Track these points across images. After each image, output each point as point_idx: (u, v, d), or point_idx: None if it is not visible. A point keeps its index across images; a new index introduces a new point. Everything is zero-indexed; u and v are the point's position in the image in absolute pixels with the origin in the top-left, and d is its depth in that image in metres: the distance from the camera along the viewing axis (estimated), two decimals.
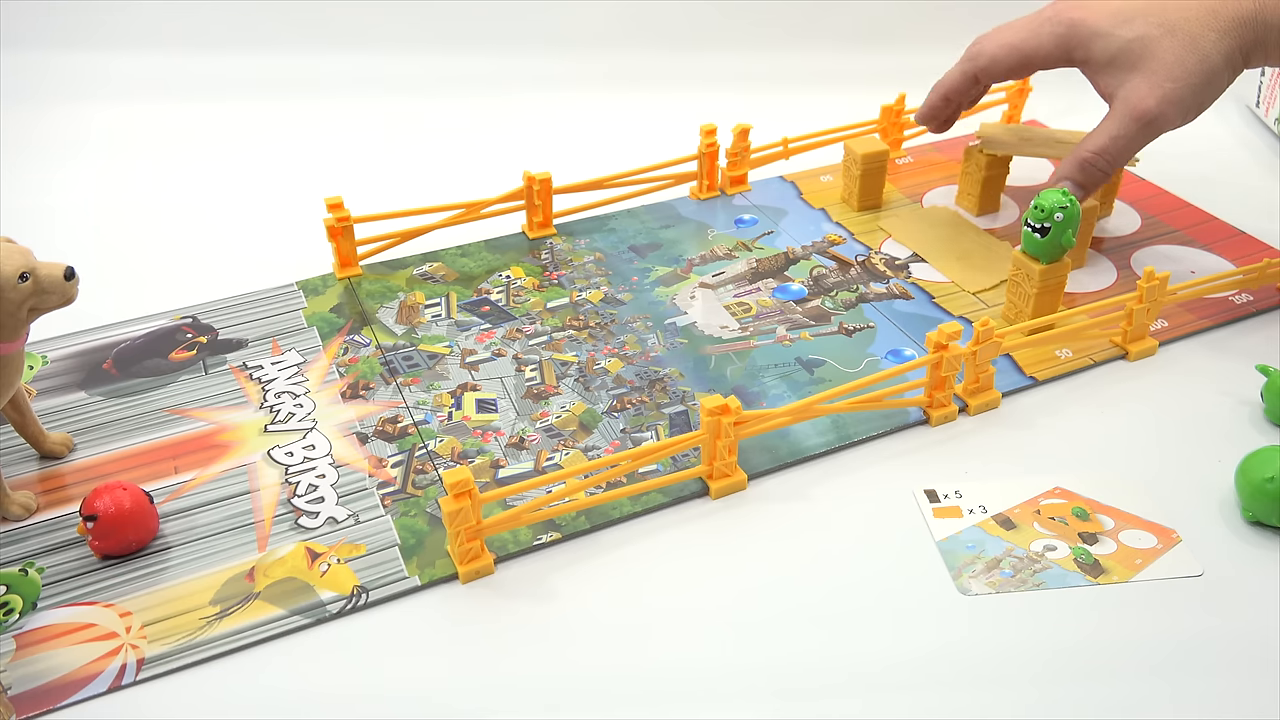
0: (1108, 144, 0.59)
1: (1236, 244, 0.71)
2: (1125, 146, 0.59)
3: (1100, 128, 0.60)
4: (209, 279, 0.69)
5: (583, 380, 0.59)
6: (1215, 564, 0.48)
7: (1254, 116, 0.90)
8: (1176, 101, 0.57)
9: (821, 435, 0.55)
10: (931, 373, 0.55)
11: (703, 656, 0.44)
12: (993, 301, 0.65)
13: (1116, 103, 0.59)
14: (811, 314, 0.65)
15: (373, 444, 0.55)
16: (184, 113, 0.90)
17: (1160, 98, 0.57)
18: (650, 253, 0.71)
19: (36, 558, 0.49)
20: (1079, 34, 0.59)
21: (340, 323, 0.64)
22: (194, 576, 0.48)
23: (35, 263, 0.47)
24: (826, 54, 0.98)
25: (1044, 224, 0.58)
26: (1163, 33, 0.57)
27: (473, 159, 0.85)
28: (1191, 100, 0.57)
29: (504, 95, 0.94)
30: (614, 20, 0.98)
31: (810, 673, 0.43)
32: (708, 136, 0.75)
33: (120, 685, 0.43)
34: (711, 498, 0.52)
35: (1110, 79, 0.59)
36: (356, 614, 0.46)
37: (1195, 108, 0.58)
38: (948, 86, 0.67)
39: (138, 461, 0.54)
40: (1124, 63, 0.58)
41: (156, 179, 0.82)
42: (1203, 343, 0.62)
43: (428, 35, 0.97)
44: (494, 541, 0.49)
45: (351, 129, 0.89)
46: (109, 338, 0.63)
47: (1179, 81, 0.57)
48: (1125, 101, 0.58)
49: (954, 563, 0.48)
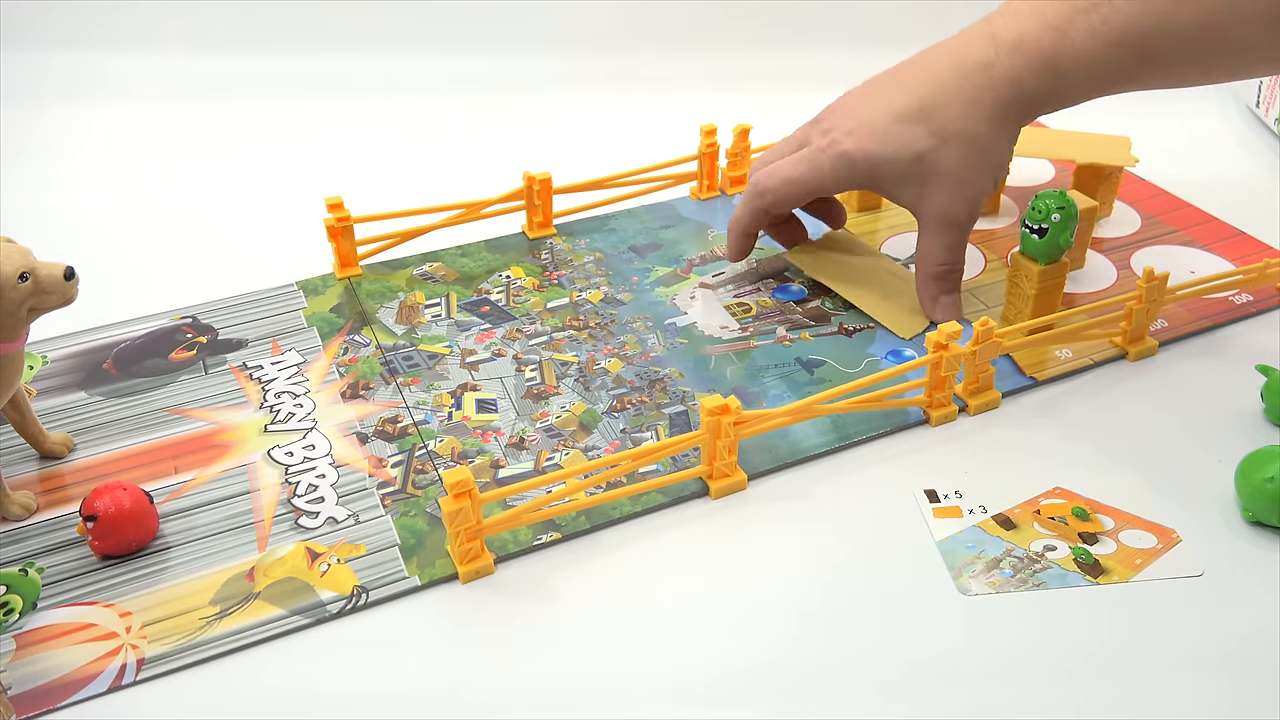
0: (946, 253, 0.61)
1: (1236, 244, 0.71)
2: (958, 245, 0.61)
3: (926, 245, 0.61)
4: (209, 279, 0.69)
5: (583, 380, 0.59)
6: (1215, 564, 0.48)
7: (1254, 116, 0.90)
8: (978, 196, 0.59)
9: (821, 435, 0.55)
10: (931, 373, 0.55)
11: (703, 656, 0.44)
12: (993, 302, 0.65)
13: (926, 218, 0.60)
14: (811, 314, 0.65)
15: (373, 444, 0.55)
16: (184, 113, 0.90)
17: (964, 201, 0.59)
18: (650, 253, 0.71)
19: (36, 558, 0.49)
20: (858, 166, 0.59)
21: (340, 323, 0.64)
22: (194, 576, 0.48)
23: (35, 263, 0.47)
24: (828, 54, 0.98)
25: (1041, 225, 0.58)
26: (938, 142, 0.57)
27: (473, 159, 0.85)
28: (990, 185, 0.59)
29: (504, 95, 0.94)
30: (614, 20, 0.98)
31: (810, 673, 0.43)
32: (708, 136, 0.75)
33: (120, 685, 0.43)
34: (711, 498, 0.52)
35: (906, 195, 0.60)
36: (356, 614, 0.46)
37: (994, 184, 0.60)
38: (743, 225, 0.65)
39: (138, 461, 0.54)
40: (914, 179, 0.59)
41: (156, 179, 0.82)
42: (1203, 343, 0.62)
43: (428, 35, 0.97)
44: (494, 541, 0.49)
45: (351, 129, 0.89)
46: (109, 338, 0.63)
47: (971, 182, 0.58)
48: (935, 217, 0.60)
49: (954, 563, 0.48)
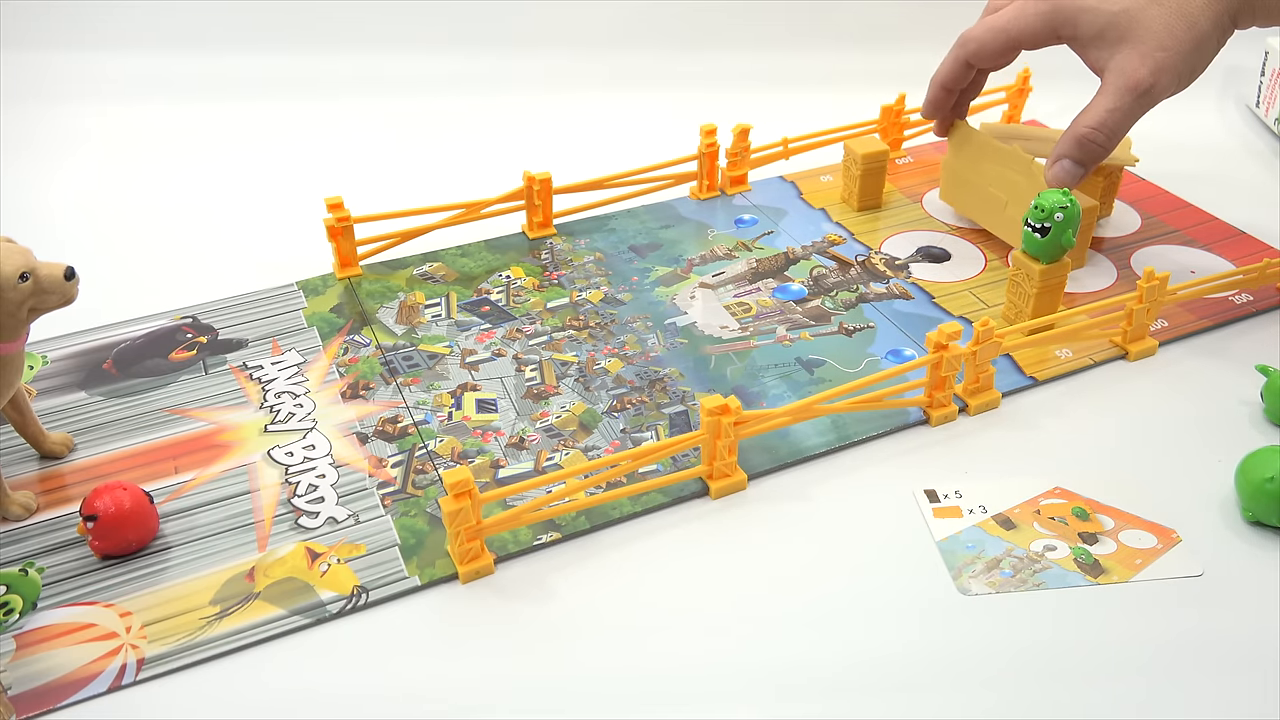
0: (1105, 118, 0.59)
1: (1236, 244, 0.71)
2: (1121, 120, 0.59)
3: (1094, 103, 0.59)
4: (209, 279, 0.69)
5: (583, 380, 0.59)
6: (1215, 564, 0.48)
7: (1254, 116, 0.90)
8: (1169, 69, 0.57)
9: (821, 435, 0.55)
10: (931, 373, 0.55)
11: (703, 656, 0.44)
12: (993, 301, 0.65)
13: (1109, 76, 0.59)
14: (811, 314, 0.65)
15: (373, 444, 0.55)
16: (184, 113, 0.90)
17: (1152, 68, 0.57)
18: (650, 253, 0.71)
19: (36, 558, 0.49)
20: (1064, 12, 0.59)
21: (340, 323, 0.64)
22: (194, 576, 0.48)
23: (35, 263, 0.47)
24: (826, 54, 0.98)
25: (1044, 224, 0.58)
26: (1148, 2, 0.57)
27: (473, 159, 0.85)
28: (1183, 67, 0.58)
29: (504, 95, 0.94)
30: (614, 20, 0.98)
31: (810, 673, 0.43)
32: (708, 136, 0.75)
33: (120, 685, 0.43)
34: (711, 498, 0.52)
35: (1099, 53, 0.59)
36: (356, 614, 0.46)
37: (1188, 75, 0.58)
38: (944, 76, 0.67)
39: (138, 461, 0.54)
40: (1112, 36, 0.58)
41: (156, 179, 0.82)
42: (1203, 343, 0.62)
43: (428, 35, 0.97)
44: (494, 541, 0.49)
45: (351, 129, 0.89)
46: (109, 338, 0.63)
47: (1169, 50, 0.57)
48: (1118, 74, 0.58)
49: (954, 563, 0.48)
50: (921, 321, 0.64)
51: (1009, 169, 0.67)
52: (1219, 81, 0.93)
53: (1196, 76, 0.59)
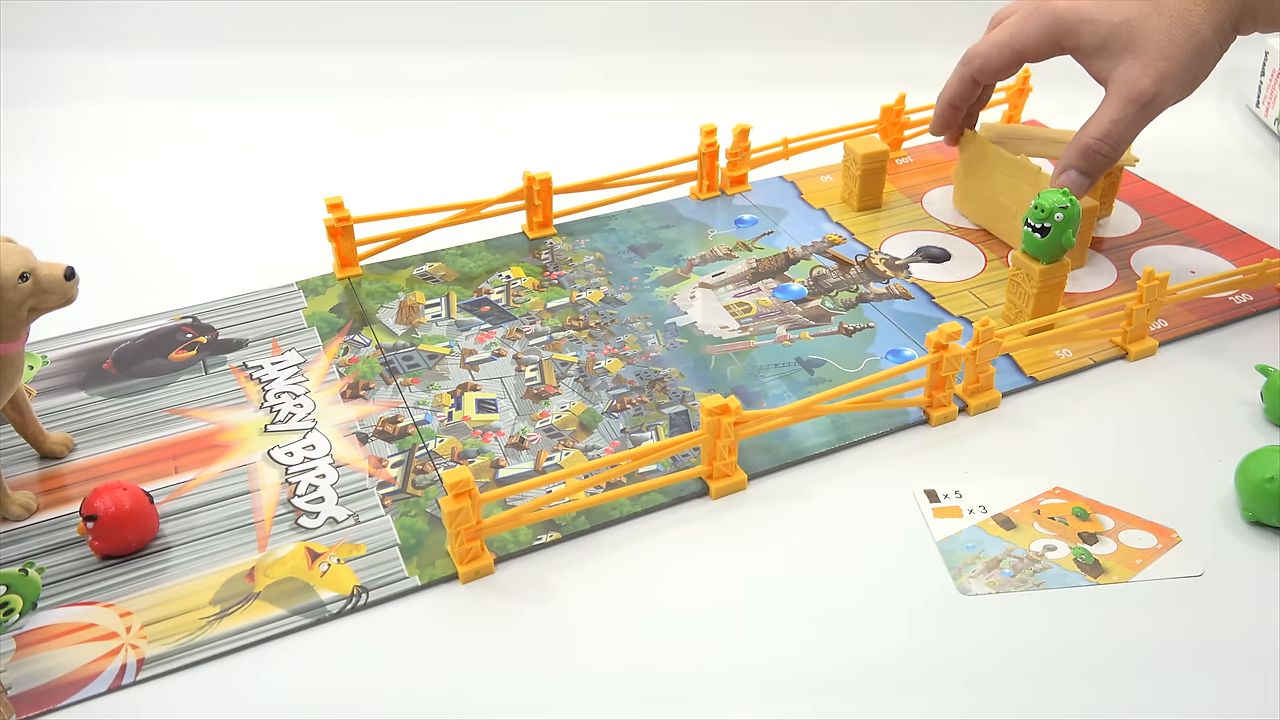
0: (1109, 128, 0.59)
1: (1236, 244, 0.71)
2: (1126, 130, 0.59)
3: (1099, 113, 0.60)
4: (209, 279, 0.69)
5: (583, 380, 0.59)
6: (1215, 564, 0.48)
7: (1254, 116, 0.90)
8: (1172, 78, 0.58)
9: (821, 435, 0.55)
10: (931, 373, 0.55)
11: (703, 656, 0.44)
12: (993, 301, 0.65)
13: (1112, 86, 0.59)
14: (811, 314, 0.65)
15: (373, 444, 0.55)
16: (184, 113, 0.90)
17: (1155, 77, 0.57)
18: (650, 253, 0.71)
19: (36, 558, 0.49)
20: (1067, 24, 0.60)
21: (340, 323, 0.64)
22: (194, 576, 0.48)
23: (35, 263, 0.47)
24: (826, 54, 0.98)
25: (1044, 224, 0.58)
26: (1150, 11, 0.57)
27: (473, 159, 0.85)
28: (1186, 76, 0.58)
29: (504, 95, 0.94)
30: (613, 20, 0.98)
31: (810, 673, 0.43)
32: (708, 136, 0.75)
33: (120, 685, 0.43)
34: (711, 498, 0.52)
35: (1103, 63, 0.59)
36: (356, 614, 0.46)
37: (1190, 83, 0.58)
38: (951, 94, 0.68)
39: (138, 461, 0.54)
40: (1115, 46, 0.58)
41: (156, 179, 0.82)
42: (1203, 343, 0.62)
43: (428, 35, 0.97)
44: (494, 541, 0.49)
45: (351, 129, 0.89)
46: (109, 338, 0.63)
47: (1171, 59, 0.57)
48: (1121, 84, 0.58)
49: (954, 563, 0.48)
50: (921, 321, 0.64)
51: (1018, 179, 0.67)
52: (1219, 82, 0.93)
53: (1199, 84, 0.59)
